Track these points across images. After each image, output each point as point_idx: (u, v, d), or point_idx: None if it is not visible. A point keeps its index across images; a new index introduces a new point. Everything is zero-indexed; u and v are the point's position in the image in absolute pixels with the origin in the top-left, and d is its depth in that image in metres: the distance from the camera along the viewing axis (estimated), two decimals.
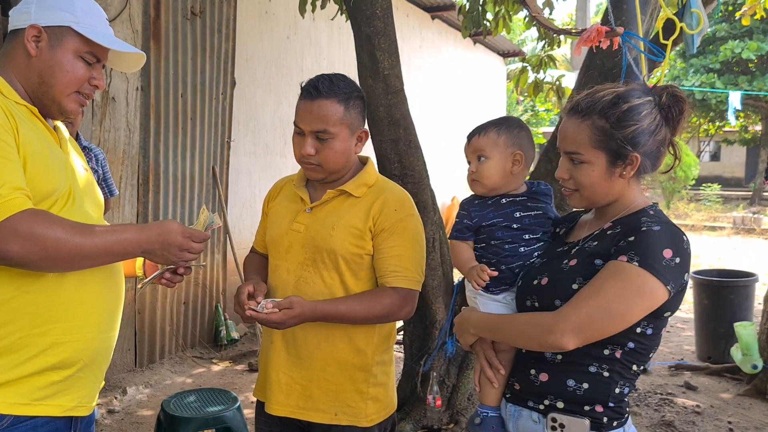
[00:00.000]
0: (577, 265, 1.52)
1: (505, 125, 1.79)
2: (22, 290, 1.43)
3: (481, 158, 1.77)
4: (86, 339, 1.52)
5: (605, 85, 1.58)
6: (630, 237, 1.44)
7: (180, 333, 5.28)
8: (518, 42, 18.72)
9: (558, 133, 1.62)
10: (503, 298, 1.72)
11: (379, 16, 3.11)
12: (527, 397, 1.59)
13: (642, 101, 1.52)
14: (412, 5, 9.15)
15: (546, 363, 1.55)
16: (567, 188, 1.60)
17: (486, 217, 1.76)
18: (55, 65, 1.53)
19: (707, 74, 18.27)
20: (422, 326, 3.54)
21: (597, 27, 2.31)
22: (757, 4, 5.50)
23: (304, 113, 1.84)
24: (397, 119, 3.24)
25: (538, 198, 1.79)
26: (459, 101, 10.90)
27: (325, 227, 1.87)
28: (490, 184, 1.77)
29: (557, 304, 1.50)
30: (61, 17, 1.53)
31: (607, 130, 1.51)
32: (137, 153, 4.77)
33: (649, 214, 1.52)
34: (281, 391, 1.90)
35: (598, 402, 1.51)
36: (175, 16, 4.92)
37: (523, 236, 1.72)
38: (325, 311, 1.79)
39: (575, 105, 1.58)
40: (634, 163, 1.52)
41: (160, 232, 1.53)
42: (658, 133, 1.52)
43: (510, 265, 1.72)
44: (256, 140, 6.24)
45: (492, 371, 1.67)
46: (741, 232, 14.85)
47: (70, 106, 1.58)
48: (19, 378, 1.43)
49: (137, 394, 4.48)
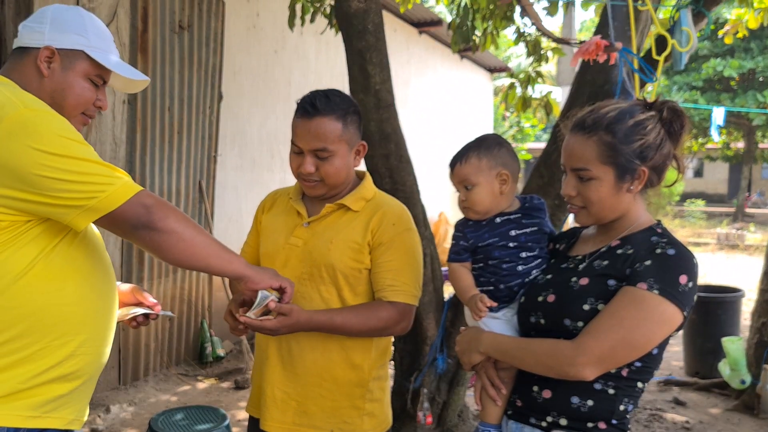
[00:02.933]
0: (588, 284, 1.51)
1: (484, 146, 1.77)
2: (46, 302, 1.46)
3: (468, 186, 1.76)
4: (96, 353, 1.57)
5: (606, 102, 1.59)
6: (646, 261, 1.44)
7: (165, 350, 5.20)
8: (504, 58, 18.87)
9: (563, 150, 1.61)
10: (503, 315, 1.71)
11: (370, 31, 3.10)
12: (529, 414, 1.57)
13: (646, 116, 1.52)
14: (400, 20, 9.19)
15: (549, 380, 1.53)
16: (574, 206, 1.59)
17: (482, 238, 1.74)
18: (67, 87, 1.59)
19: (690, 91, 18.52)
20: (413, 342, 3.51)
21: (596, 40, 2.32)
22: (740, 23, 5.58)
23: (302, 132, 1.81)
24: (389, 134, 3.23)
25: (532, 214, 1.78)
26: (446, 116, 10.94)
27: (323, 242, 1.85)
28: (483, 210, 1.76)
29: (566, 323, 1.49)
30: (74, 41, 1.59)
31: (614, 145, 1.50)
32: (123, 167, 4.71)
33: (658, 232, 1.53)
34: (276, 407, 1.87)
35: (602, 419, 1.50)
36: (163, 29, 4.90)
37: (520, 254, 1.71)
38: (321, 322, 1.77)
39: (580, 121, 1.57)
40: (641, 178, 1.52)
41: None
42: (663, 146, 1.52)
43: (509, 284, 1.70)
44: (242, 155, 6.20)
45: (494, 390, 1.65)
46: (725, 248, 14.97)
47: (76, 126, 1.61)
48: (30, 388, 1.45)
49: (121, 412, 4.39)
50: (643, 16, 2.87)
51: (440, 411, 3.62)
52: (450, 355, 3.48)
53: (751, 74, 18.52)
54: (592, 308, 1.47)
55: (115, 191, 1.43)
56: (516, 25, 5.07)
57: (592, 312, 1.47)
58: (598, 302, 1.46)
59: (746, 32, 5.55)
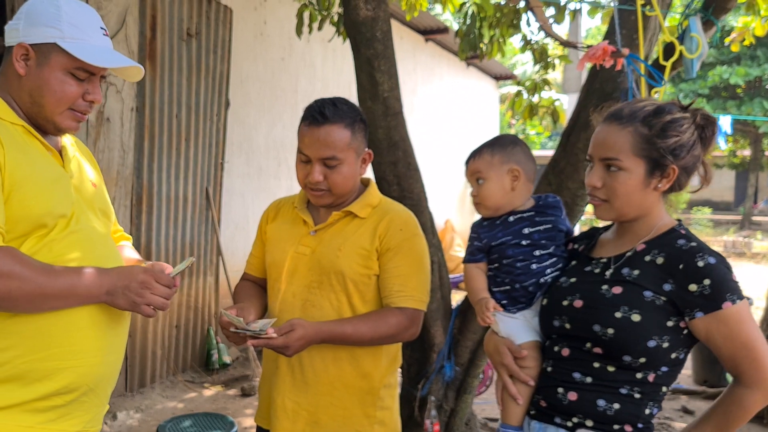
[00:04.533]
0: (622, 294, 1.50)
1: (498, 144, 1.79)
2: (23, 316, 1.41)
3: (480, 180, 1.77)
4: (89, 364, 1.49)
5: (643, 98, 1.59)
6: (704, 280, 1.44)
7: (171, 357, 5.20)
8: (510, 65, 18.90)
9: (592, 139, 1.58)
10: (521, 315, 1.71)
11: (379, 39, 3.11)
12: (554, 414, 1.56)
13: (682, 115, 1.52)
14: (407, 28, 9.21)
15: (575, 383, 1.53)
16: (596, 198, 1.56)
17: (495, 237, 1.74)
18: (43, 84, 1.50)
19: (697, 99, 18.48)
20: (420, 350, 3.50)
21: (604, 46, 2.31)
22: (746, 30, 5.57)
23: (310, 140, 1.81)
24: (396, 141, 3.23)
25: (546, 211, 1.77)
26: (452, 124, 10.94)
27: (332, 249, 1.84)
28: (493, 205, 1.76)
29: (596, 329, 1.49)
30: (46, 34, 1.48)
31: (650, 138, 1.49)
32: (131, 174, 4.73)
33: (682, 234, 1.53)
34: (287, 418, 1.86)
35: (628, 422, 1.50)
36: (171, 36, 4.92)
37: (534, 252, 1.70)
38: (331, 331, 1.75)
39: (616, 112, 1.55)
40: (671, 176, 1.51)
41: (123, 271, 1.50)
42: (695, 148, 1.52)
43: (523, 283, 1.70)
44: (249, 162, 6.22)
45: (516, 388, 1.63)
46: (732, 255, 14.90)
47: (65, 124, 1.55)
48: (24, 402, 1.41)
49: (128, 419, 4.39)
50: (651, 24, 2.86)
51: (447, 419, 3.61)
52: (458, 362, 3.47)
53: (758, 82, 18.49)
54: (625, 316, 1.46)
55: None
56: (522, 33, 5.08)
57: (624, 320, 1.46)
58: (632, 311, 1.46)
59: (753, 40, 5.53)
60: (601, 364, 1.51)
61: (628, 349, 1.46)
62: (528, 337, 1.68)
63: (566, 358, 1.56)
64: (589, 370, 1.52)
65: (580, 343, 1.53)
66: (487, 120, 13.06)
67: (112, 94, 4.49)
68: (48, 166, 1.53)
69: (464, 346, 3.48)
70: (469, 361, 3.52)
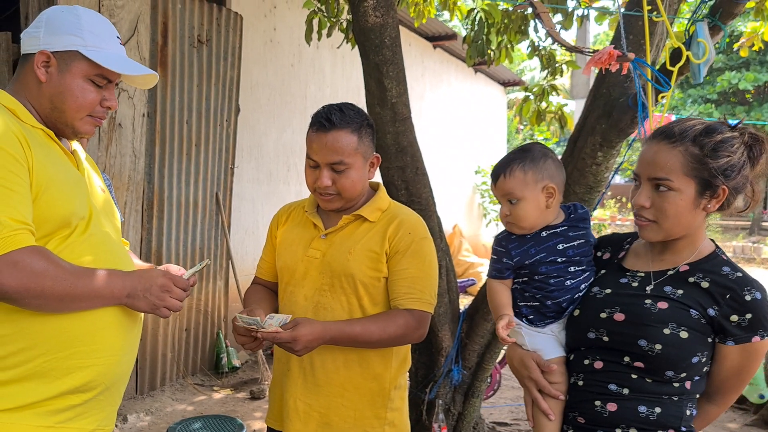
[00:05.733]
0: (669, 310, 1.49)
1: (529, 158, 1.67)
2: (46, 315, 1.43)
3: (512, 201, 1.66)
4: (108, 363, 1.52)
5: (691, 118, 1.56)
6: (747, 314, 1.46)
7: (181, 360, 5.24)
8: (517, 71, 18.90)
9: (639, 159, 1.55)
10: (550, 330, 1.66)
11: (387, 45, 3.14)
12: (596, 428, 1.54)
13: (732, 135, 1.50)
14: (415, 34, 9.25)
15: (612, 394, 1.52)
16: (643, 218, 1.53)
17: (527, 254, 1.67)
18: (65, 91, 1.53)
19: (705, 104, 18.43)
20: (428, 354, 3.52)
21: (609, 50, 2.33)
22: (755, 36, 5.58)
23: (318, 146, 1.83)
24: (405, 146, 3.26)
25: (578, 225, 1.70)
26: (460, 129, 10.96)
27: (342, 252, 1.87)
28: (528, 226, 1.67)
29: (641, 343, 1.48)
30: (69, 41, 1.52)
31: (701, 158, 1.47)
32: (142, 179, 4.78)
33: (724, 260, 1.54)
34: (299, 419, 1.88)
35: (672, 426, 1.50)
36: (182, 43, 4.98)
37: (569, 269, 1.64)
38: (339, 330, 1.78)
39: (665, 130, 1.53)
40: (720, 197, 1.49)
41: (143, 274, 1.56)
42: (745, 168, 1.49)
43: (557, 299, 1.64)
44: (259, 167, 6.26)
45: (546, 404, 1.60)
46: (741, 261, 14.82)
47: (84, 129, 1.59)
48: (42, 401, 1.43)
49: (138, 421, 4.43)
50: (657, 30, 2.88)
51: (455, 423, 3.62)
52: (465, 366, 3.49)
53: (767, 87, 18.42)
54: (674, 333, 1.46)
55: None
56: (530, 38, 5.10)
57: (673, 336, 1.46)
58: (680, 328, 1.47)
59: (762, 45, 5.53)
60: (639, 376, 1.50)
61: (673, 364, 1.46)
62: (556, 353, 1.64)
63: (599, 370, 1.54)
64: (626, 382, 1.50)
65: (617, 356, 1.51)
66: (494, 126, 13.07)
67: (124, 100, 4.55)
68: (68, 168, 1.57)
69: (472, 350, 3.50)
70: (477, 364, 3.54)
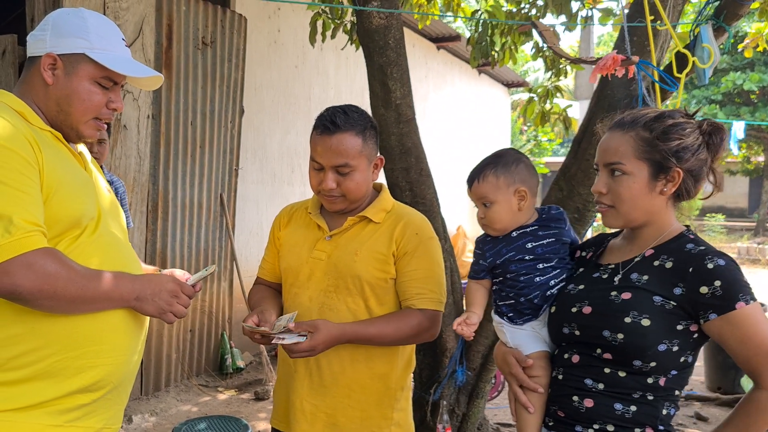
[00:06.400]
0: (632, 299, 1.50)
1: (501, 163, 1.75)
2: (57, 316, 1.45)
3: (486, 204, 1.75)
4: (117, 363, 1.54)
5: (646, 107, 1.61)
6: (715, 281, 1.43)
7: (186, 361, 5.25)
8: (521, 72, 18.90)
9: (598, 148, 1.60)
10: (529, 327, 1.71)
11: (391, 47, 3.15)
12: (574, 423, 1.56)
13: (685, 120, 1.53)
14: (419, 36, 9.26)
15: (588, 390, 1.54)
16: (603, 204, 1.57)
17: (500, 254, 1.74)
18: (72, 93, 1.54)
19: (709, 105, 18.39)
20: (432, 354, 3.52)
21: (613, 56, 2.34)
22: (760, 36, 5.57)
23: (322, 149, 1.84)
24: (409, 148, 3.27)
25: (549, 225, 1.76)
26: (464, 131, 10.97)
27: (348, 254, 1.88)
28: (502, 227, 1.75)
29: (605, 334, 1.49)
30: (75, 44, 1.53)
31: (651, 140, 1.51)
32: (147, 180, 4.80)
33: (690, 238, 1.53)
34: (305, 420, 1.89)
35: (648, 425, 1.50)
36: (187, 45, 4.99)
37: (537, 266, 1.70)
38: (355, 332, 1.80)
39: (619, 120, 1.58)
40: (675, 180, 1.51)
41: (152, 278, 1.57)
42: (700, 152, 1.52)
43: (528, 296, 1.70)
44: (263, 168, 6.28)
45: (526, 397, 1.64)
46: (746, 262, 14.80)
47: (88, 132, 1.60)
48: (52, 400, 1.45)
49: (143, 422, 4.44)
50: (661, 31, 2.89)
51: (459, 423, 3.63)
52: (469, 367, 3.49)
53: None
54: (635, 321, 1.46)
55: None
56: (534, 40, 5.11)
57: (634, 325, 1.46)
58: (642, 316, 1.46)
59: (766, 46, 5.54)
60: (611, 369, 1.51)
61: (638, 353, 1.46)
62: (536, 348, 1.69)
63: (576, 364, 1.57)
64: (600, 376, 1.52)
65: (590, 349, 1.53)
66: (498, 127, 13.08)
67: (128, 102, 4.57)
68: (77, 170, 1.58)
69: (476, 350, 3.51)
70: (481, 365, 3.54)
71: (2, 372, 1.42)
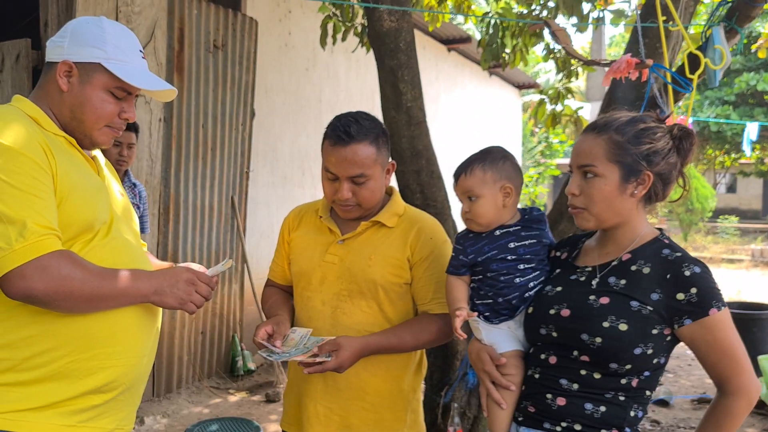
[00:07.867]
0: (610, 304, 1.53)
1: (489, 159, 1.77)
2: (70, 318, 1.47)
3: (472, 198, 1.75)
4: (129, 364, 1.55)
5: (619, 111, 1.64)
6: (691, 289, 1.48)
7: (197, 363, 5.27)
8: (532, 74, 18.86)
9: (572, 152, 1.65)
10: (505, 326, 1.72)
11: (402, 49, 3.15)
12: (543, 419, 1.59)
13: (657, 125, 1.58)
14: (429, 38, 9.26)
15: (562, 390, 1.57)
16: (575, 207, 1.61)
17: (481, 251, 1.74)
18: (85, 101, 1.56)
19: (722, 106, 18.27)
20: (443, 357, 3.52)
21: (627, 59, 2.33)
22: None
23: (337, 159, 1.81)
24: (420, 150, 3.27)
25: (531, 226, 1.77)
26: (475, 133, 10.95)
27: (362, 258, 1.88)
28: (485, 222, 1.75)
29: (583, 337, 1.52)
30: (91, 53, 1.55)
31: (622, 144, 1.55)
32: (159, 183, 4.83)
33: (666, 243, 1.58)
34: (319, 423, 1.89)
35: (615, 426, 1.53)
36: (198, 49, 5.02)
37: (518, 266, 1.71)
38: (378, 344, 1.81)
39: (592, 124, 1.63)
40: (646, 183, 1.55)
41: (167, 272, 1.60)
42: (670, 156, 1.57)
43: (507, 296, 1.70)
44: (274, 171, 6.30)
45: (499, 393, 1.66)
46: (760, 264, 14.67)
47: (101, 139, 1.62)
48: (65, 400, 1.47)
49: (155, 424, 4.46)
50: (673, 33, 2.87)
51: (470, 426, 3.61)
52: None
53: None
54: (612, 326, 1.50)
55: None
56: (545, 41, 5.09)
57: (611, 329, 1.50)
58: (620, 321, 1.50)
59: None
60: (587, 371, 1.54)
61: (615, 357, 1.50)
62: (510, 347, 1.70)
63: (554, 365, 1.59)
64: (575, 377, 1.55)
65: (567, 351, 1.56)
66: (509, 129, 13.04)
67: (140, 105, 4.60)
68: (90, 174, 1.60)
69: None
70: None
71: (17, 372, 1.44)
